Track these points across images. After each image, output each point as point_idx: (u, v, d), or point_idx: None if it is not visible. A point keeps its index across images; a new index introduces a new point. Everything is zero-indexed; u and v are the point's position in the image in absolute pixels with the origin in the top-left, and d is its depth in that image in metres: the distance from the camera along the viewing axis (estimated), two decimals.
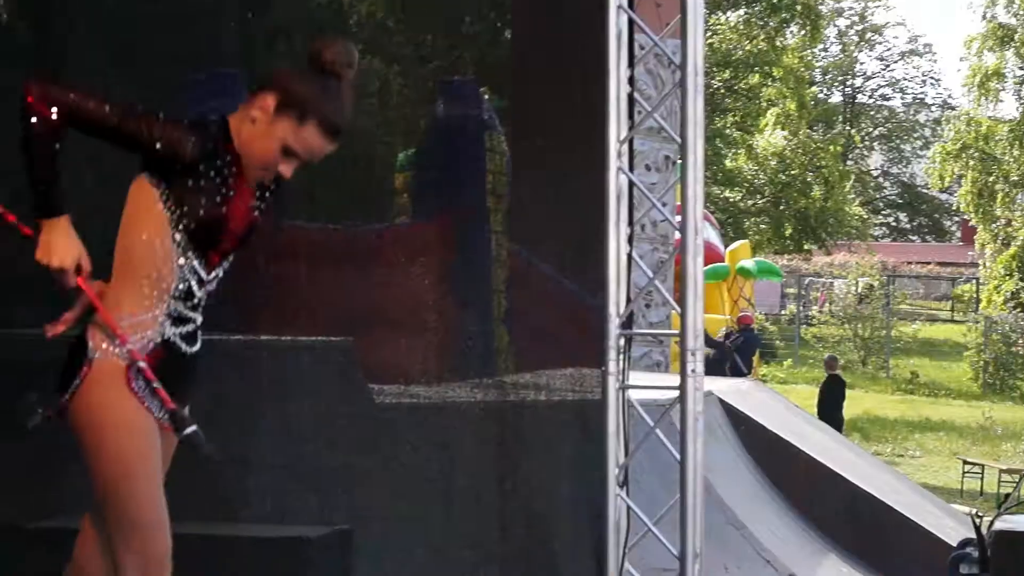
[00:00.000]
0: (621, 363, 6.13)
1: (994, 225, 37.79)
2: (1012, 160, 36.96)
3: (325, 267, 7.01)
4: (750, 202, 40.28)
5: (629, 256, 6.25)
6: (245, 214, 3.75)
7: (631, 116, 6.42)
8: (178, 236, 3.65)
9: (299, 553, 5.54)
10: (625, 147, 6.28)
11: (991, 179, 37.12)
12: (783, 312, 37.12)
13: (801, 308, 37.84)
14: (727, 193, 39.64)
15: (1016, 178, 36.80)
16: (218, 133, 3.65)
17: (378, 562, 6.06)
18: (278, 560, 5.47)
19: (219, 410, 5.80)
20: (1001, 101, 41.98)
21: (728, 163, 39.73)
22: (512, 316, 7.68)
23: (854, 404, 24.62)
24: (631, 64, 6.43)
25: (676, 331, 6.12)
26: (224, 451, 5.20)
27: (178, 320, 3.72)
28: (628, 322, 6.19)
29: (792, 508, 14.37)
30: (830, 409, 19.95)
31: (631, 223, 6.30)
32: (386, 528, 6.12)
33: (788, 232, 39.92)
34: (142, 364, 3.61)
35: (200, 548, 4.39)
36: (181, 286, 3.70)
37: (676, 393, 5.99)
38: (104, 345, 3.62)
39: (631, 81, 6.40)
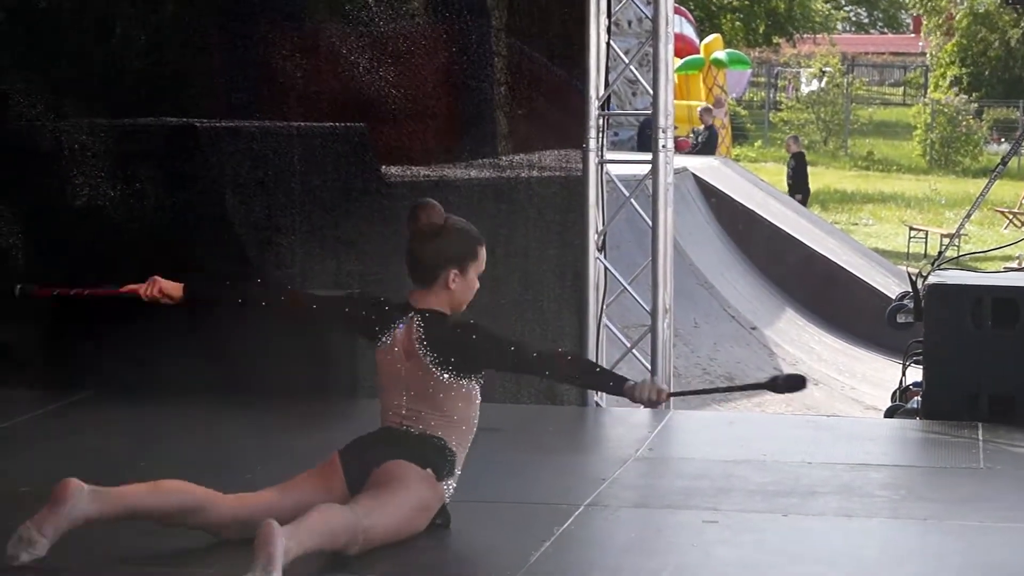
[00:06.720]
0: (600, 141, 6.15)
1: (939, 18, 37.34)
2: None
3: (346, 63, 6.96)
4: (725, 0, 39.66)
5: (608, 45, 6.23)
6: None
7: None
8: None
9: None
10: None
11: None
12: (747, 98, 36.82)
13: (770, 95, 37.58)
14: None
15: None
16: None
17: None
18: None
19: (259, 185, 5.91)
20: None
21: None
22: (510, 103, 7.65)
23: (816, 179, 24.61)
24: None
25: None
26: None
27: None
28: (606, 104, 6.20)
29: (754, 269, 14.52)
30: (799, 182, 20.01)
31: (609, 16, 6.26)
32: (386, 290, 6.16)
33: (760, 27, 39.41)
34: None
35: None
36: None
37: (650, 167, 6.03)
38: None
39: None
